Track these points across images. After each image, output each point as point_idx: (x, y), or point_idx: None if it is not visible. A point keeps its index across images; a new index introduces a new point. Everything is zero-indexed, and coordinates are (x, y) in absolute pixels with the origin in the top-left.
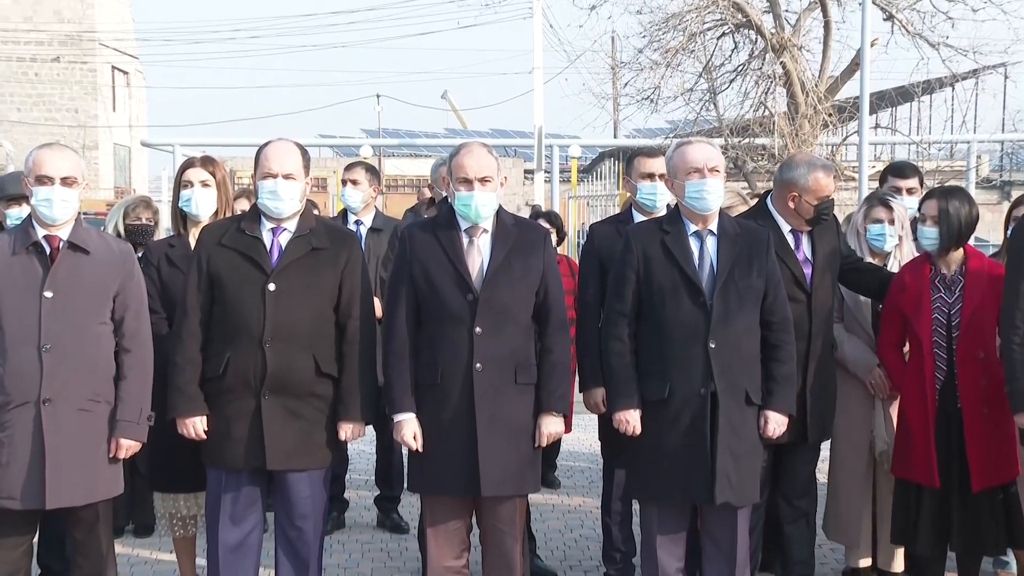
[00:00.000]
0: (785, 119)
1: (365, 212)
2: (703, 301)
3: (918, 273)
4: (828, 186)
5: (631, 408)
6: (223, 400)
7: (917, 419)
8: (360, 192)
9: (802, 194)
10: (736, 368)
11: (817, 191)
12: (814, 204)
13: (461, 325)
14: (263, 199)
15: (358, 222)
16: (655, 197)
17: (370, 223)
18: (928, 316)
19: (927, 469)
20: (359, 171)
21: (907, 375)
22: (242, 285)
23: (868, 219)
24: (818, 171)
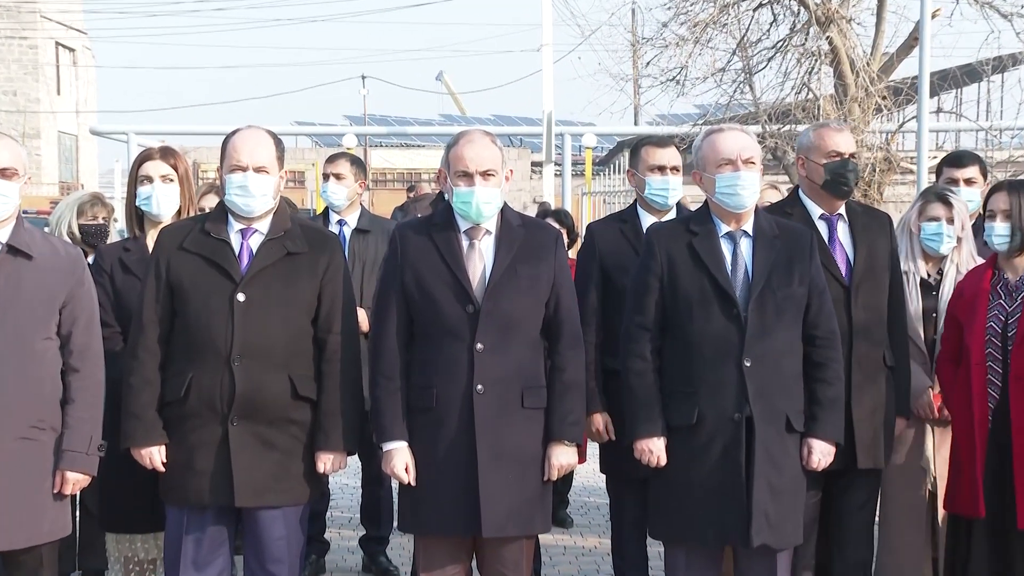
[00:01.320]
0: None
1: (349, 211)
2: (736, 313)
3: (978, 277)
4: (838, 142)
5: (655, 436)
6: (185, 427)
7: (963, 440)
8: (345, 188)
9: (808, 155)
10: (775, 390)
11: (822, 147)
12: (823, 163)
13: (460, 341)
14: (231, 196)
15: (341, 222)
16: (666, 193)
17: (355, 223)
18: (982, 324)
19: (972, 498)
20: (343, 163)
21: (954, 391)
22: (207, 295)
23: (923, 216)
24: (823, 127)
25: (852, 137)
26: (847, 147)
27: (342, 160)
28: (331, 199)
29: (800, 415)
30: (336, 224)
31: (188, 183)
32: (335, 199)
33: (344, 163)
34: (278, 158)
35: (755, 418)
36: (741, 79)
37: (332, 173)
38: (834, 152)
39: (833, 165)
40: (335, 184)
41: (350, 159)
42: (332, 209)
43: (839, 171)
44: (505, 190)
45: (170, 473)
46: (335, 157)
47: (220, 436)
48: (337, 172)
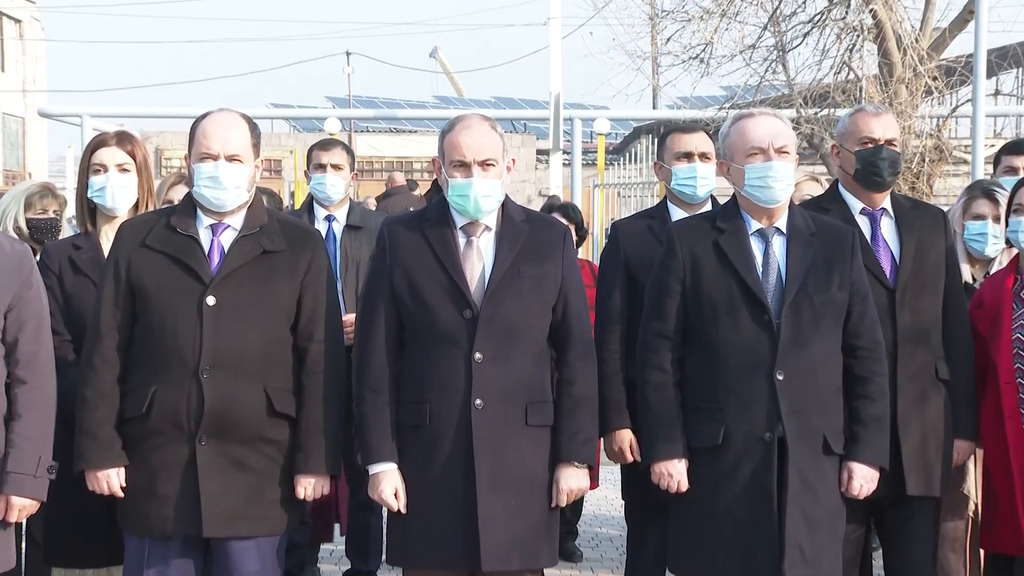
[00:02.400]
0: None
1: (339, 205)
2: (768, 320)
3: (999, 284)
4: (872, 127)
5: (675, 457)
6: (147, 447)
7: (997, 469)
8: (342, 179)
9: (842, 143)
10: (810, 406)
11: (856, 132)
12: (855, 151)
13: (456, 350)
14: (200, 187)
15: (330, 218)
16: (694, 182)
17: (345, 219)
18: (1008, 338)
19: (1014, 534)
20: (340, 152)
21: (983, 413)
22: (172, 298)
23: (967, 214)
24: (859, 111)
25: (893, 122)
26: (882, 132)
27: (338, 148)
28: (328, 192)
29: (839, 435)
30: (324, 220)
31: (147, 173)
32: (332, 192)
33: (341, 152)
34: (253, 145)
35: (788, 438)
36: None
37: (330, 163)
38: (867, 139)
39: (864, 153)
40: (333, 175)
41: (343, 147)
42: (322, 203)
43: (871, 160)
44: (507, 181)
45: (130, 499)
46: (329, 144)
47: (186, 457)
48: (335, 162)
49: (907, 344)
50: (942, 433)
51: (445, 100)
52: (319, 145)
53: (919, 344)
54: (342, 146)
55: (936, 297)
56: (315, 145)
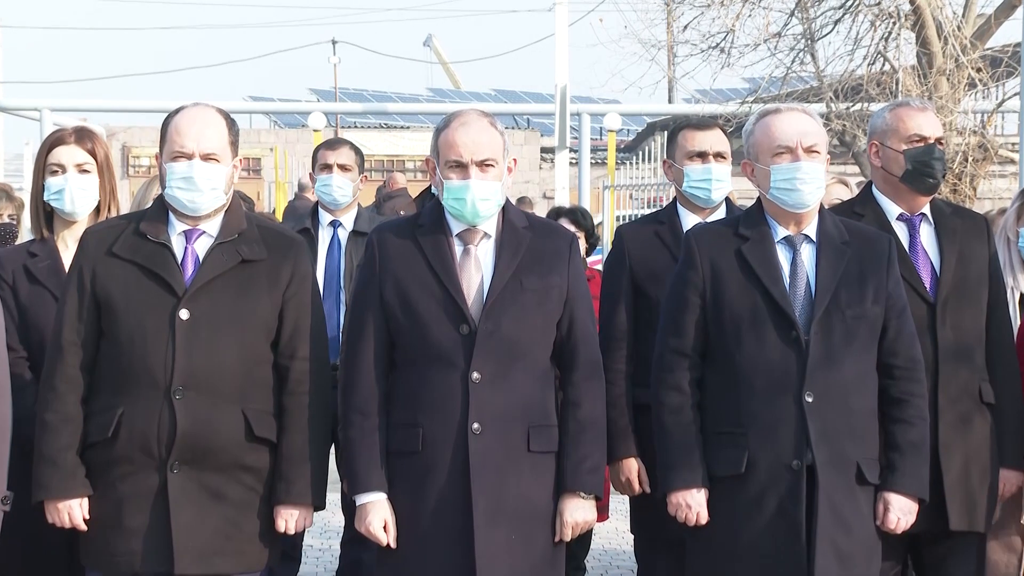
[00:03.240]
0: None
1: (346, 210)
2: (796, 336)
3: None
4: (921, 124)
5: (693, 487)
6: (113, 475)
7: None
8: (351, 181)
9: (883, 141)
10: (843, 431)
11: (901, 130)
12: (902, 150)
13: (452, 369)
14: (173, 189)
15: (335, 223)
16: (708, 185)
17: (351, 225)
18: None
19: None
20: (348, 151)
21: None
22: (142, 312)
23: (1021, 220)
24: (902, 106)
25: (938, 118)
26: (932, 130)
27: (345, 147)
28: (335, 195)
29: (874, 463)
30: (329, 226)
31: (109, 174)
32: (340, 195)
33: (349, 151)
34: (231, 143)
35: (818, 466)
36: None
37: (337, 163)
38: (916, 136)
39: (915, 152)
40: (341, 176)
41: (351, 146)
42: (328, 207)
43: (923, 159)
44: (508, 183)
45: (94, 532)
46: (336, 144)
47: (157, 486)
48: (343, 162)
49: (948, 363)
50: (987, 461)
51: (440, 93)
52: (326, 144)
53: (961, 363)
54: (350, 145)
55: (979, 312)
56: (321, 145)
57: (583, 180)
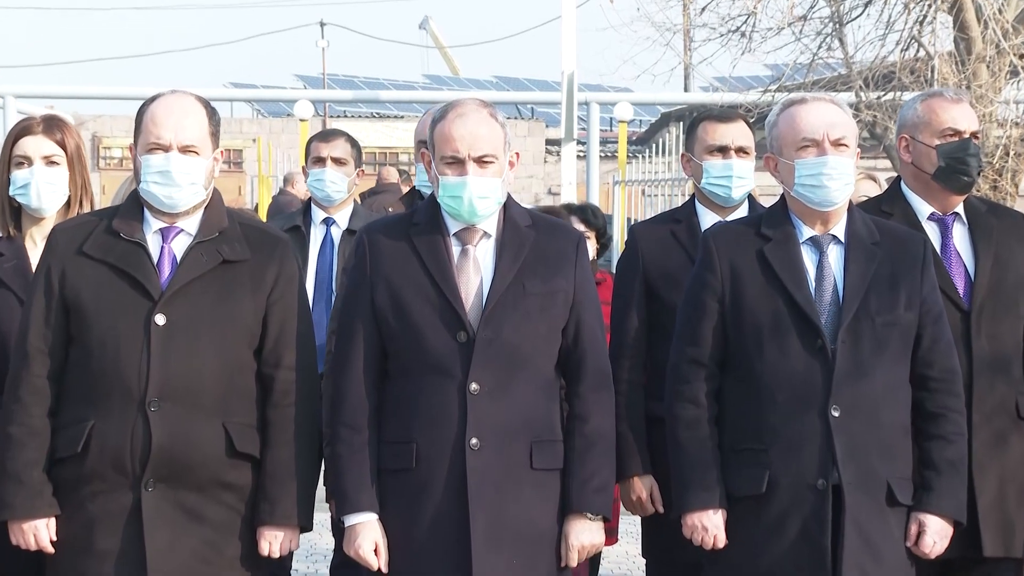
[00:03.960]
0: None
1: (341, 207)
2: (822, 345)
3: None
4: (955, 116)
5: (710, 507)
6: (83, 493)
7: None
8: (346, 176)
9: (914, 134)
10: (872, 448)
11: (934, 123)
12: (935, 145)
13: (448, 380)
14: (148, 184)
15: (328, 221)
16: (729, 182)
17: (346, 223)
18: None
19: None
20: (343, 143)
21: None
22: (115, 316)
23: None
24: (934, 96)
25: (974, 110)
26: (967, 123)
27: (341, 139)
28: (329, 191)
29: (907, 483)
30: (321, 224)
31: (81, 166)
32: (334, 191)
33: (344, 143)
34: (211, 134)
35: (845, 486)
36: (828, 31)
37: (331, 156)
38: (950, 130)
39: (949, 148)
40: (335, 171)
41: (347, 138)
42: (321, 203)
43: (957, 155)
44: (509, 179)
45: (62, 555)
46: (330, 135)
47: (130, 505)
48: (337, 155)
49: (984, 376)
50: (1023, 482)
51: (437, 80)
52: (319, 136)
53: (997, 376)
54: (346, 137)
55: (1017, 320)
56: (315, 136)
57: (592, 175)
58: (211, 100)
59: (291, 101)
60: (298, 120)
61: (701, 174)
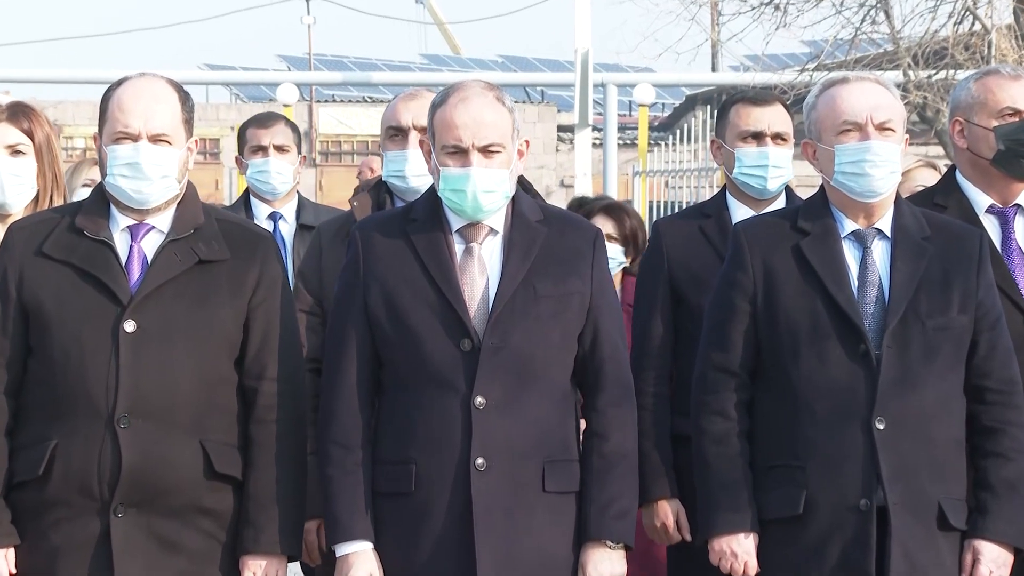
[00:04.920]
0: (1009, 37)
1: (286, 200)
2: (865, 351)
3: None
4: (1015, 95)
5: (740, 531)
6: (45, 520)
7: None
8: (289, 164)
9: (969, 116)
10: (921, 465)
11: (991, 103)
12: (992, 127)
13: (451, 393)
14: (115, 177)
15: (275, 216)
16: (764, 172)
17: (294, 218)
18: None
19: None
20: (283, 128)
21: None
22: (79, 324)
23: None
24: (991, 74)
25: None
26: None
27: (281, 124)
28: (273, 182)
29: (960, 504)
30: (267, 220)
31: (51, 157)
32: (280, 182)
33: (285, 128)
34: (185, 121)
35: (891, 508)
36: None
37: (272, 144)
38: (1009, 109)
39: (1008, 129)
40: (279, 160)
41: (287, 122)
42: (263, 196)
43: (1018, 137)
44: (518, 170)
45: None
46: (269, 120)
47: (98, 533)
48: (280, 143)
49: None
50: None
51: (436, 60)
52: (255, 122)
53: None
54: (285, 121)
55: None
56: (250, 122)
57: (609, 164)
58: (184, 83)
59: (274, 84)
60: (281, 105)
61: (733, 163)
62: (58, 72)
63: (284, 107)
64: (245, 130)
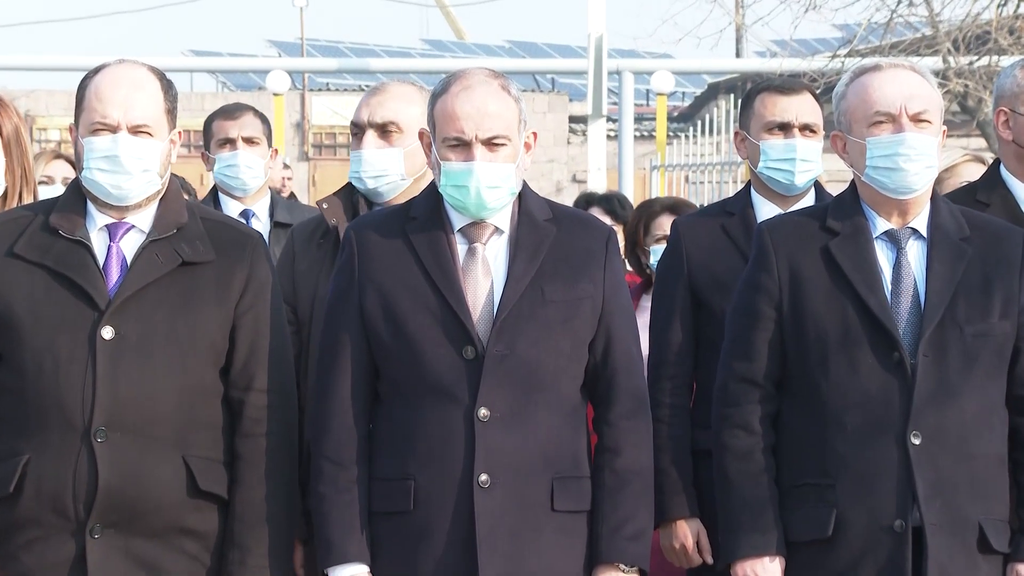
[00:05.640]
0: None
1: (257, 196)
2: (900, 359)
3: None
4: None
5: (766, 554)
6: (16, 541)
7: None
8: (259, 158)
9: (1015, 106)
10: (960, 483)
11: None
12: None
13: (453, 404)
14: (92, 171)
15: (248, 213)
16: (792, 166)
17: (267, 215)
18: None
19: None
20: (252, 120)
21: None
22: (53, 330)
23: None
24: None
25: None
26: None
27: (249, 115)
28: (244, 177)
29: (1003, 525)
30: (239, 217)
31: (20, 151)
32: (250, 177)
33: (254, 119)
34: (167, 111)
35: (927, 528)
36: None
37: (241, 136)
38: None
39: None
40: (248, 153)
41: (255, 112)
42: (234, 194)
43: None
44: (526, 164)
45: None
46: (236, 111)
47: (73, 556)
48: (249, 135)
49: None
50: None
51: (438, 46)
52: (222, 113)
53: None
54: (254, 112)
55: None
56: (216, 114)
57: (624, 158)
58: (167, 71)
59: (263, 71)
60: (271, 94)
61: (758, 156)
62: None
63: (274, 96)
64: (211, 123)
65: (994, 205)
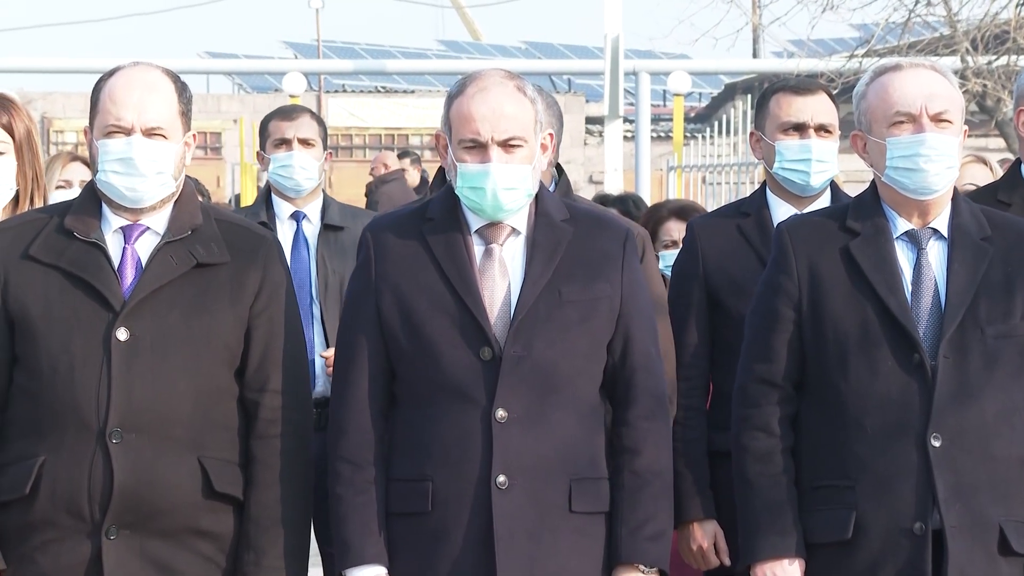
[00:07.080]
0: None
1: (311, 198)
2: (920, 361)
3: None
4: None
5: (785, 556)
6: (32, 543)
7: None
8: (314, 160)
9: None
10: (981, 485)
11: None
12: None
13: (470, 406)
14: (107, 174)
15: (298, 215)
16: (807, 167)
17: (319, 218)
18: None
19: None
20: (308, 122)
21: None
22: (69, 332)
23: None
24: None
25: None
26: None
27: (306, 117)
28: (298, 179)
29: None
30: (290, 219)
31: (32, 154)
32: (305, 178)
33: (310, 120)
34: (182, 113)
35: (948, 531)
36: None
37: (297, 137)
38: None
39: None
40: (303, 154)
41: (312, 115)
42: (287, 195)
43: None
44: (542, 165)
45: None
46: (294, 112)
47: (89, 557)
48: (305, 136)
49: None
50: None
51: (454, 47)
52: (280, 114)
53: None
54: (311, 114)
55: None
56: (273, 114)
57: (641, 159)
58: (182, 73)
59: (279, 73)
60: (287, 96)
61: (773, 157)
62: (47, 61)
63: (290, 98)
64: (268, 123)
65: (1015, 204)
